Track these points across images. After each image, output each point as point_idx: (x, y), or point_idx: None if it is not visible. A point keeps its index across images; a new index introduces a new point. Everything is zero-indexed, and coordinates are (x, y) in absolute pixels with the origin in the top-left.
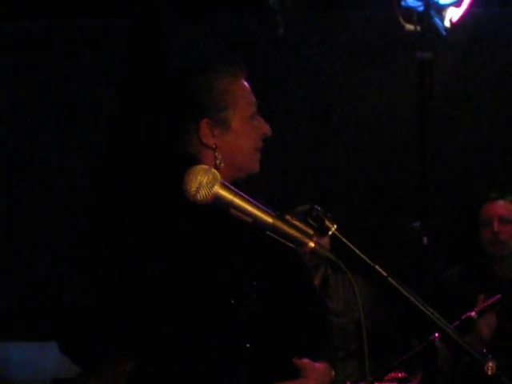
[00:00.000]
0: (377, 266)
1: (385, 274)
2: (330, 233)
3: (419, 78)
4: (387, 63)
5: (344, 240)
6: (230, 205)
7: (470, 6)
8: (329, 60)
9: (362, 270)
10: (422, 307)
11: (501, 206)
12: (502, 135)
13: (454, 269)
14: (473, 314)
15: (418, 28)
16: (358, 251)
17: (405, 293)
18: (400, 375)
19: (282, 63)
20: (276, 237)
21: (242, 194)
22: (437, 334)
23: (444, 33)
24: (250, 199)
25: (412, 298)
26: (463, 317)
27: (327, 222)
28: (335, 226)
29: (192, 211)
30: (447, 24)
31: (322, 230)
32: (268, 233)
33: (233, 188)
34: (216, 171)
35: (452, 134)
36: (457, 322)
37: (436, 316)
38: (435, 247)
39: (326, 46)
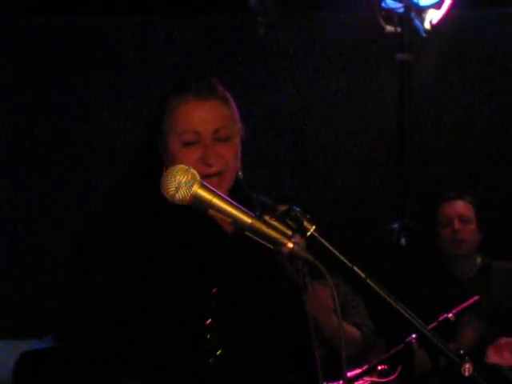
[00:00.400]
0: (355, 267)
1: (363, 275)
2: (309, 233)
3: (399, 79)
4: (367, 64)
5: (322, 241)
6: (208, 205)
7: (451, 8)
8: (309, 60)
9: (340, 270)
10: (399, 308)
11: (460, 206)
12: (482, 136)
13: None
14: (450, 315)
15: (398, 29)
16: (336, 252)
17: (383, 294)
18: (379, 368)
19: (261, 64)
20: (255, 237)
21: (221, 194)
22: (414, 336)
23: (424, 34)
24: (229, 200)
25: (390, 300)
26: (440, 318)
27: (306, 223)
28: (314, 227)
29: (168, 211)
30: (427, 26)
31: (300, 231)
32: (247, 233)
33: (212, 188)
34: (195, 171)
35: (431, 135)
36: (434, 324)
37: (413, 317)
38: (413, 248)
39: (305, 46)
